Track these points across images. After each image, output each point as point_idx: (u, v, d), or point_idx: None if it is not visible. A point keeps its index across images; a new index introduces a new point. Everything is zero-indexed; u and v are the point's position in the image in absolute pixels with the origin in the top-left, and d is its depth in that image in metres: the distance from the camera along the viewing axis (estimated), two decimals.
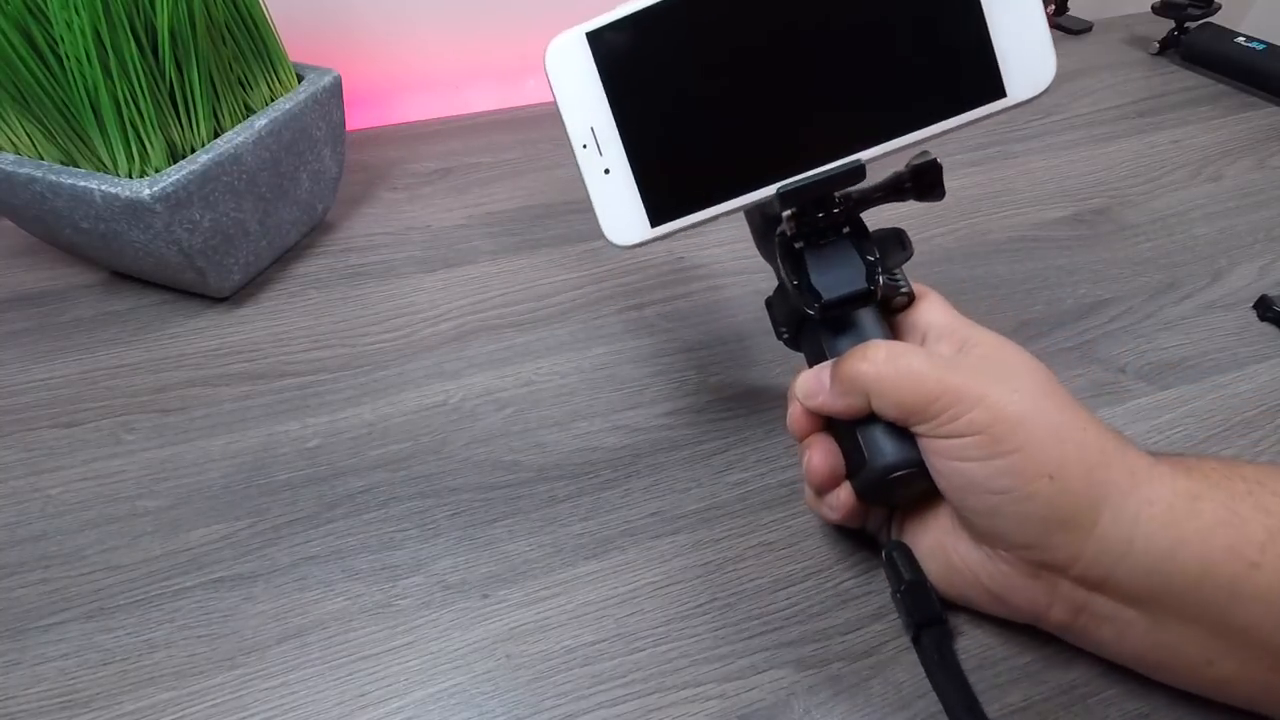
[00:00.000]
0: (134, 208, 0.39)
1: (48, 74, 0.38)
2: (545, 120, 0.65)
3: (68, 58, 0.37)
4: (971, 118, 0.27)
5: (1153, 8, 0.74)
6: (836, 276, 0.29)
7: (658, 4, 0.27)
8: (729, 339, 0.45)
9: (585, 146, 0.28)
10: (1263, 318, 0.46)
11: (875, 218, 0.30)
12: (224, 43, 0.43)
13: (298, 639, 0.31)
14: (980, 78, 0.27)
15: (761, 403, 0.41)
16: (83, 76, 0.38)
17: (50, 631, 0.32)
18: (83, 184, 0.39)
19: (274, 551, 0.34)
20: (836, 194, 0.29)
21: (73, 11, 0.36)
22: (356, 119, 0.61)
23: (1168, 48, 0.75)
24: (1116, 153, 0.61)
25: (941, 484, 0.28)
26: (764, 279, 0.48)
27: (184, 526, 0.35)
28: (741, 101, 0.28)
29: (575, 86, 0.27)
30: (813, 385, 0.30)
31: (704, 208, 0.29)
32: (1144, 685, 0.30)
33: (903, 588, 0.30)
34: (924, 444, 0.28)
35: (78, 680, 0.30)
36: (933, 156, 0.29)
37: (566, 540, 0.35)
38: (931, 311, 0.31)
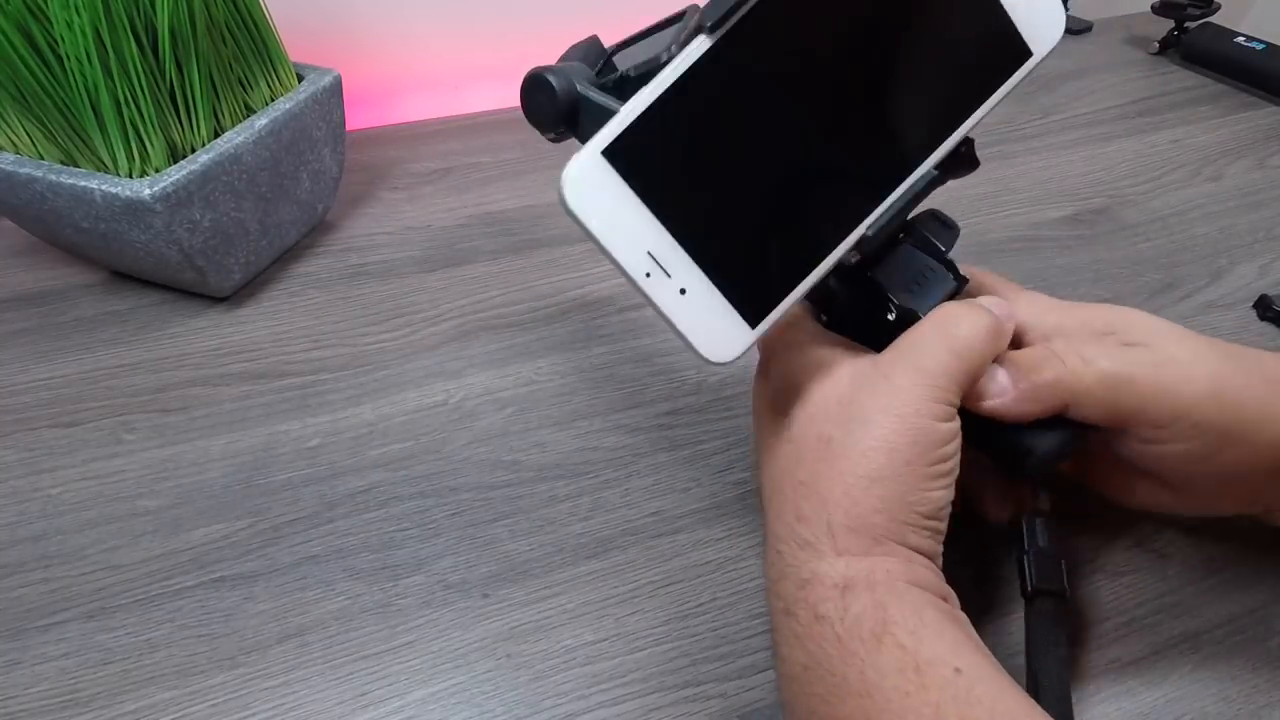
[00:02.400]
0: (134, 207, 0.39)
1: (48, 74, 0.38)
2: None
3: (68, 57, 0.37)
4: (1009, 86, 0.27)
5: (1153, 8, 0.74)
6: (921, 288, 0.27)
7: (665, 91, 0.23)
8: None
9: (650, 275, 0.24)
10: (1262, 317, 0.46)
11: None
12: (224, 43, 0.43)
13: (298, 638, 0.31)
14: (1007, 47, 0.27)
15: None
16: (83, 76, 0.38)
17: (50, 631, 0.32)
18: (83, 184, 0.39)
19: (274, 551, 0.34)
20: None
21: (73, 11, 0.36)
22: (356, 119, 0.61)
23: (1168, 48, 0.75)
24: (1116, 153, 0.61)
25: (1157, 469, 0.27)
26: None
27: (184, 526, 0.35)
28: (795, 156, 0.25)
29: (613, 214, 0.23)
30: (992, 385, 0.27)
31: (798, 283, 0.26)
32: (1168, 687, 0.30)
33: (1031, 552, 0.29)
34: (1132, 443, 0.27)
35: (78, 680, 0.30)
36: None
37: (567, 540, 0.35)
38: (1035, 304, 0.30)
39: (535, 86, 0.37)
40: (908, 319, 0.27)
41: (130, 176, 0.40)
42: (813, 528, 0.24)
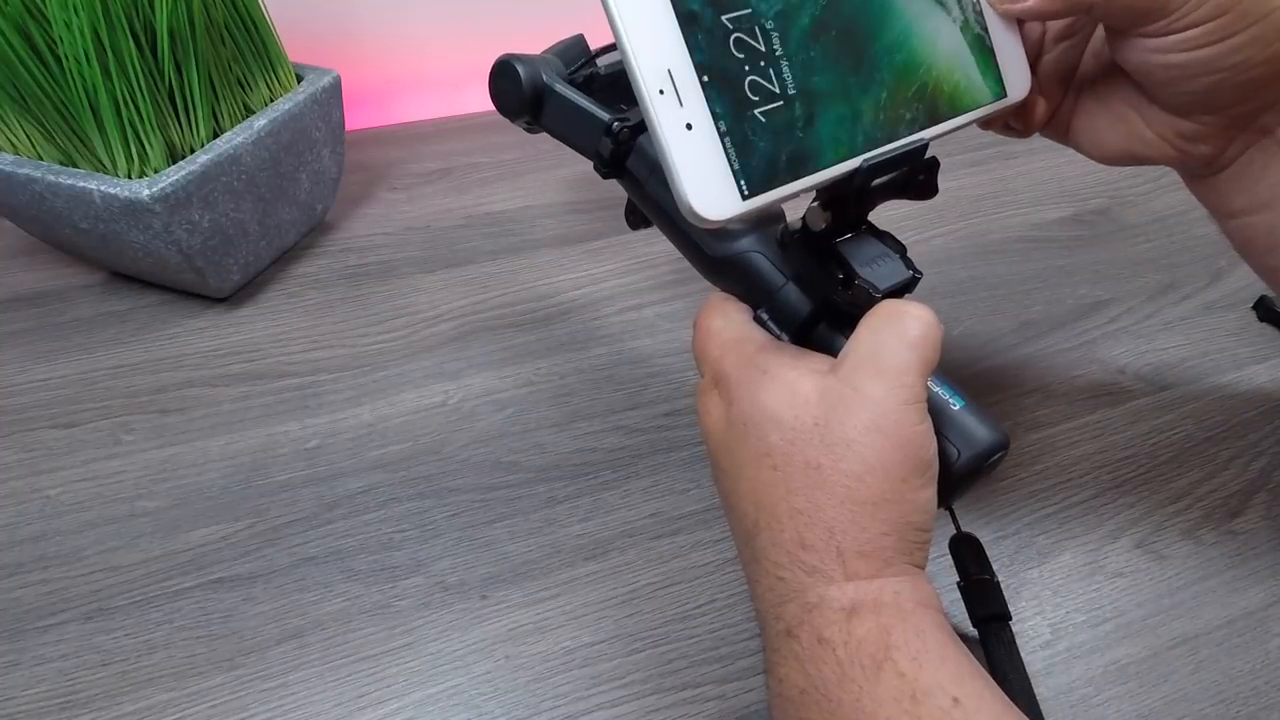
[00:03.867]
0: (133, 208, 0.39)
1: (47, 74, 0.38)
2: None
3: (67, 58, 0.37)
4: (985, 113, 0.30)
5: None
6: (879, 268, 0.28)
7: None
8: None
9: (663, 92, 0.23)
10: (1262, 318, 0.46)
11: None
12: (223, 43, 0.43)
13: (297, 640, 0.31)
14: (990, 81, 0.30)
15: None
16: (82, 77, 0.38)
17: (49, 632, 0.32)
18: (82, 184, 0.39)
19: (273, 552, 0.34)
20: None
21: (72, 12, 0.36)
22: (356, 119, 0.60)
23: None
24: None
25: (1167, 74, 0.27)
26: None
27: (183, 527, 0.35)
28: (822, 58, 0.26)
29: (645, 19, 0.23)
30: None
31: (796, 178, 0.25)
32: (1143, 687, 0.30)
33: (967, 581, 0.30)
34: (1149, 44, 0.27)
35: (77, 681, 0.30)
36: (932, 155, 0.29)
37: (566, 541, 0.35)
38: None
39: (501, 73, 0.37)
40: (863, 294, 0.27)
41: (129, 177, 0.40)
42: (820, 555, 0.24)
